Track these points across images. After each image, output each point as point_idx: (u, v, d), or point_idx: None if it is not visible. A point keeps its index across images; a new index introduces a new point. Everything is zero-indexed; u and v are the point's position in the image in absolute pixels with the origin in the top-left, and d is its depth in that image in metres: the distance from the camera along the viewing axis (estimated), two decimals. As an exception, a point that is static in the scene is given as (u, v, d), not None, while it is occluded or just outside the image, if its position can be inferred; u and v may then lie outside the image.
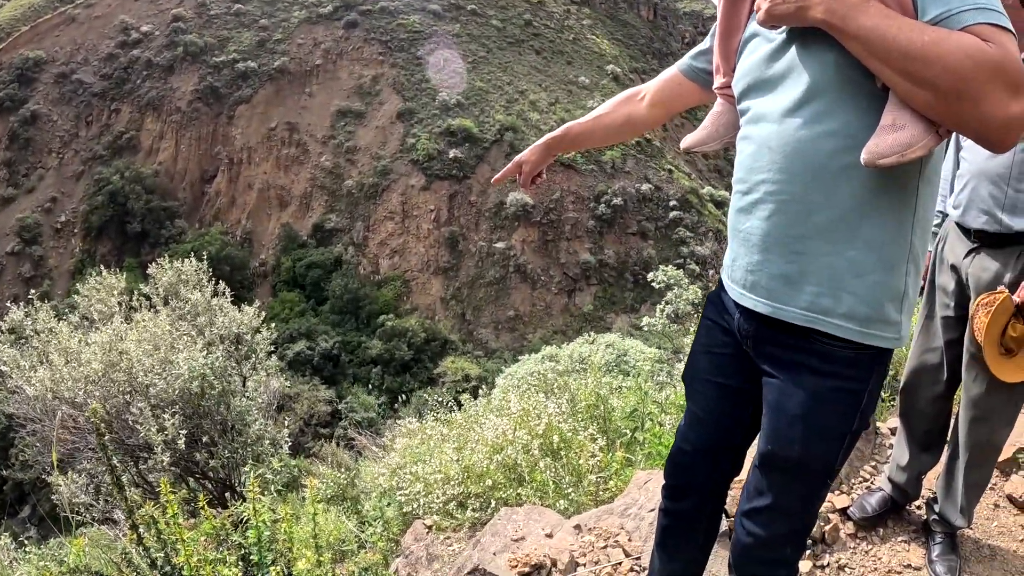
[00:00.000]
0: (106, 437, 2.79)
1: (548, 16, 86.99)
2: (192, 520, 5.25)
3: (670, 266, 17.49)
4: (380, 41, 78.54)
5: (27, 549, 10.46)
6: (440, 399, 8.53)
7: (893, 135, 1.71)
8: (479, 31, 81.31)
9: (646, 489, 3.51)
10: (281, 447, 9.84)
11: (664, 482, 2.52)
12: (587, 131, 2.74)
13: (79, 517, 9.31)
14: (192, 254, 11.14)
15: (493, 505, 4.43)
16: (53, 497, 9.52)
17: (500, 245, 65.09)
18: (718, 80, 2.38)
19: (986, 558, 3.45)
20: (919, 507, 3.71)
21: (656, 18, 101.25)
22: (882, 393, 3.63)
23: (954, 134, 2.11)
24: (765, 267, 2.01)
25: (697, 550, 2.59)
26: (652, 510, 3.22)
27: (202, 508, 3.70)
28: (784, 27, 1.92)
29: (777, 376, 2.05)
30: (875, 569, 3.32)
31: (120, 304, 10.90)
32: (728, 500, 2.95)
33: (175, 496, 3.49)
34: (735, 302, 2.16)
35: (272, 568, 3.24)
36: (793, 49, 1.91)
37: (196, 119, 76.59)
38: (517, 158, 2.82)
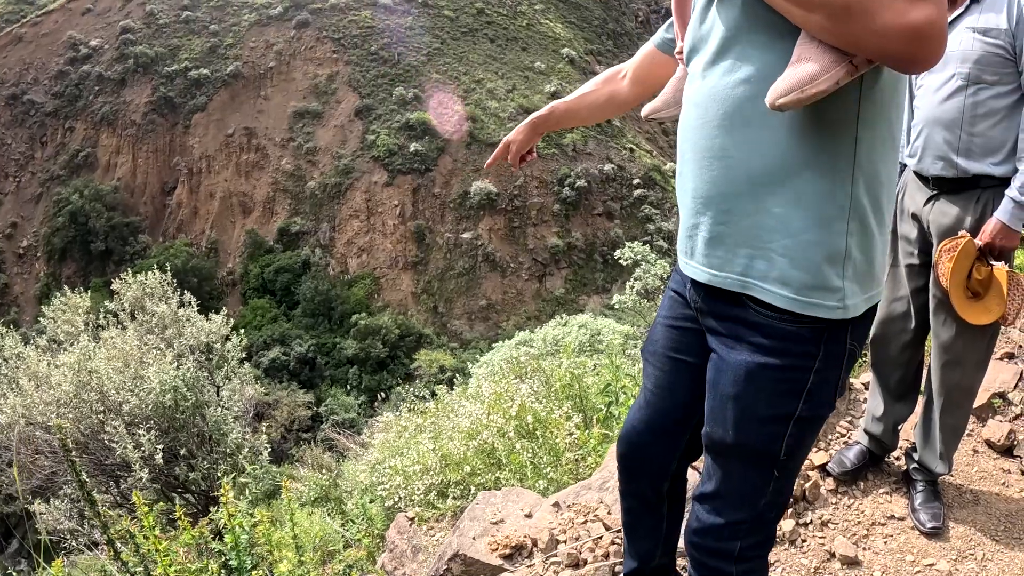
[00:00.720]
0: (73, 453, 2.76)
1: (500, 3, 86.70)
2: (172, 532, 5.22)
3: (636, 243, 17.56)
4: (332, 39, 77.88)
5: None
6: (417, 393, 8.54)
7: (794, 70, 1.57)
8: (431, 23, 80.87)
9: (621, 462, 3.54)
10: (260, 454, 9.81)
11: (617, 453, 2.36)
12: (572, 110, 2.69)
13: (65, 544, 9.23)
14: (159, 269, 11.06)
15: (473, 491, 4.45)
16: (38, 526, 9.42)
17: (467, 235, 65.02)
18: (678, 45, 2.29)
19: (969, 503, 3.48)
20: (898, 458, 3.75)
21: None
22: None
23: (908, 80, 1.99)
24: (700, 231, 1.87)
25: (663, 529, 2.43)
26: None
27: (179, 519, 3.67)
28: None
29: (716, 351, 1.91)
30: (858, 522, 3.34)
31: (87, 323, 10.81)
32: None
33: (152, 510, 3.46)
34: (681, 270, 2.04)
35: (253, 572, 3.23)
36: (713, 1, 1.81)
37: (152, 131, 75.59)
38: (505, 139, 2.72)
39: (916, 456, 3.44)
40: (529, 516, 3.32)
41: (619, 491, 2.44)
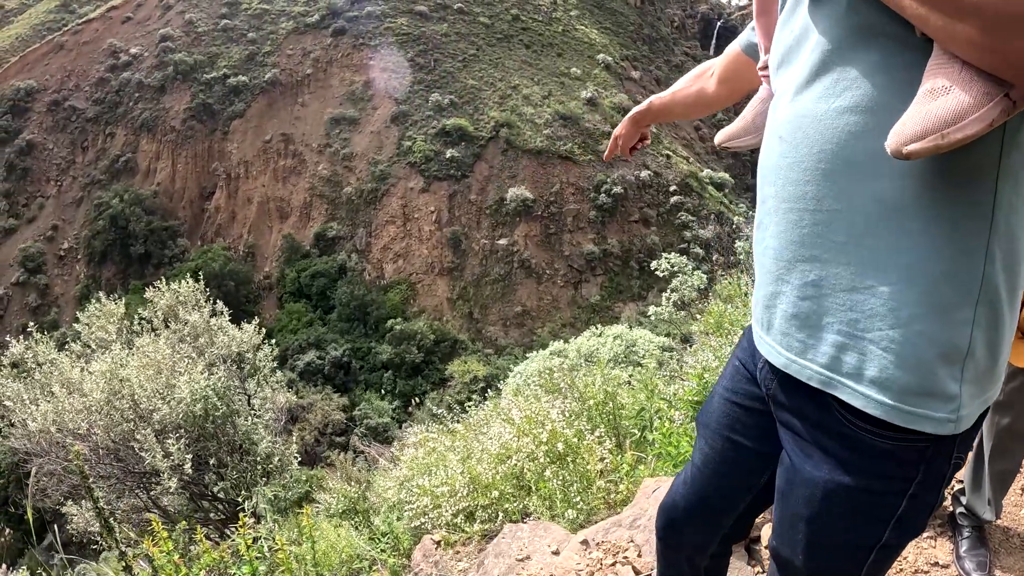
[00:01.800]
0: (90, 480, 2.68)
1: (535, 9, 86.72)
2: (194, 550, 5.15)
3: (673, 253, 17.34)
4: (369, 46, 78.41)
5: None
6: (450, 402, 8.45)
7: (930, 106, 1.16)
8: (467, 29, 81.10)
9: (655, 498, 3.36)
10: (290, 463, 9.76)
11: (656, 525, 2.14)
12: (667, 106, 2.47)
13: (95, 545, 9.32)
14: (198, 273, 11.05)
15: (501, 517, 4.31)
16: (68, 527, 9.51)
17: (503, 242, 64.96)
18: (761, 58, 1.91)
19: (1016, 548, 3.28)
20: (944, 502, 3.55)
21: (644, 3, 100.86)
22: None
23: None
24: (779, 302, 1.48)
25: None
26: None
27: (200, 541, 3.58)
28: None
29: (788, 454, 1.56)
30: (900, 570, 3.15)
31: (120, 331, 10.85)
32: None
33: (174, 528, 3.38)
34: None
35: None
36: (805, 3, 1.39)
37: (191, 137, 76.60)
38: (614, 133, 2.61)
39: (964, 500, 3.26)
40: (556, 553, 3.17)
41: (656, 555, 2.24)
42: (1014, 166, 1.27)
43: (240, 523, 2.97)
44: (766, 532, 3.46)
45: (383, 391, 54.39)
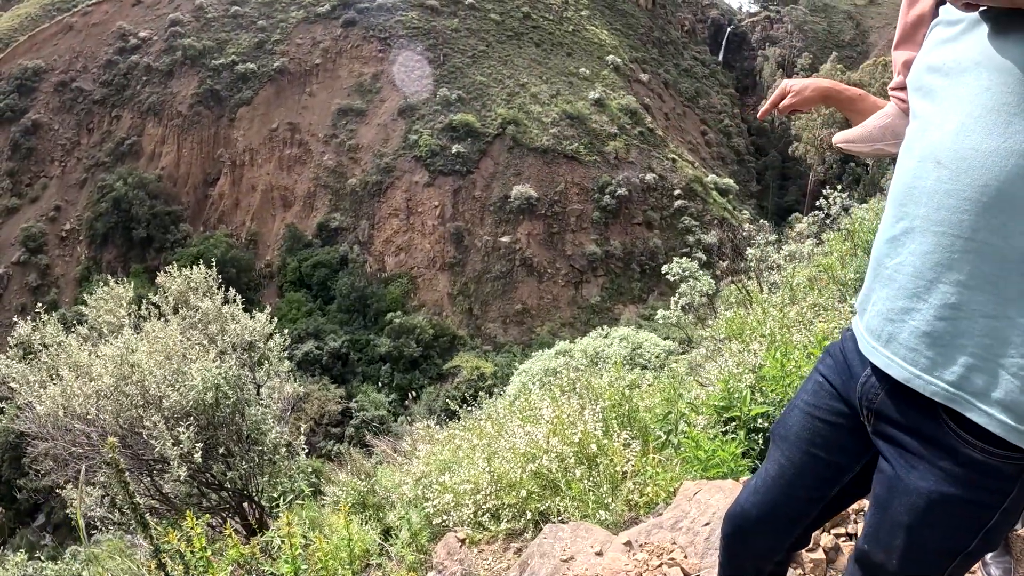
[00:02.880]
0: (126, 473, 2.63)
1: (546, 8, 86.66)
2: (217, 544, 5.11)
3: (684, 258, 17.33)
4: (379, 38, 78.31)
5: (43, 563, 10.40)
6: (455, 397, 8.40)
7: None
8: (478, 25, 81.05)
9: (696, 501, 3.33)
10: (298, 454, 9.71)
11: (722, 530, 2.20)
12: (859, 104, 2.27)
13: (96, 527, 9.29)
14: (200, 259, 10.99)
15: (528, 516, 4.26)
16: (67, 511, 9.45)
17: (505, 239, 64.95)
18: (895, 79, 1.98)
19: None
20: None
21: (655, 6, 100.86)
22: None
23: None
24: (910, 318, 1.57)
25: None
26: (707, 524, 3.05)
27: (229, 536, 3.54)
28: (980, 8, 1.48)
29: (892, 463, 1.65)
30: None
31: (129, 314, 10.79)
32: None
33: (198, 520, 3.33)
34: (866, 357, 1.74)
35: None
36: (982, 37, 1.46)
37: (197, 123, 76.51)
38: (789, 83, 2.35)
39: None
40: (600, 554, 3.13)
41: (719, 559, 2.27)
42: None
43: (283, 524, 2.92)
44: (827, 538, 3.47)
45: (380, 384, 54.42)
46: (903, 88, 1.81)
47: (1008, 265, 1.41)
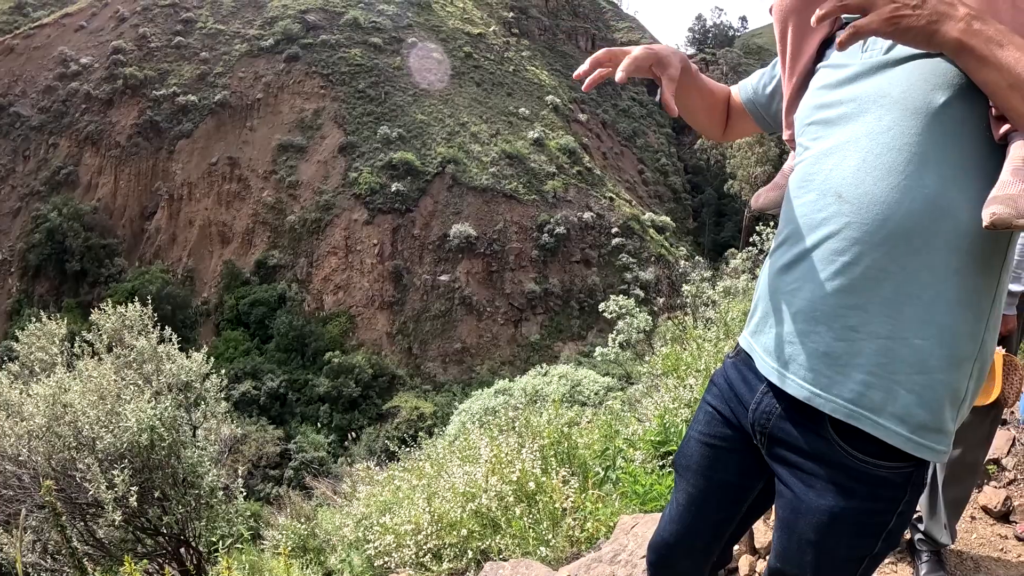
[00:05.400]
0: (63, 517, 2.63)
1: (488, 48, 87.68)
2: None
3: (620, 296, 17.58)
4: (321, 74, 78.17)
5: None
6: (393, 437, 8.40)
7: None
8: (420, 64, 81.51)
9: (634, 535, 3.45)
10: (236, 497, 9.56)
11: (647, 560, 2.28)
12: (692, 79, 2.07)
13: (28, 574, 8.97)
14: (135, 295, 10.81)
15: (470, 555, 4.32)
16: (-2, 558, 9.14)
17: (444, 278, 64.91)
18: (787, 132, 1.97)
19: (971, 570, 3.54)
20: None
21: (594, 48, 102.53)
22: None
23: None
24: (807, 340, 1.65)
25: None
26: (643, 556, 3.15)
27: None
28: (882, 48, 1.58)
29: (790, 487, 1.75)
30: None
31: (61, 352, 10.56)
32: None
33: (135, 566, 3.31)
34: (759, 378, 1.83)
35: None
36: (883, 78, 1.56)
37: (136, 154, 75.14)
38: (622, 49, 1.92)
39: (922, 527, 3.49)
40: (539, 592, 3.20)
41: None
42: (1010, 251, 1.60)
43: (224, 565, 2.94)
44: (744, 562, 3.62)
45: (319, 424, 53.55)
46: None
47: (904, 290, 1.54)
